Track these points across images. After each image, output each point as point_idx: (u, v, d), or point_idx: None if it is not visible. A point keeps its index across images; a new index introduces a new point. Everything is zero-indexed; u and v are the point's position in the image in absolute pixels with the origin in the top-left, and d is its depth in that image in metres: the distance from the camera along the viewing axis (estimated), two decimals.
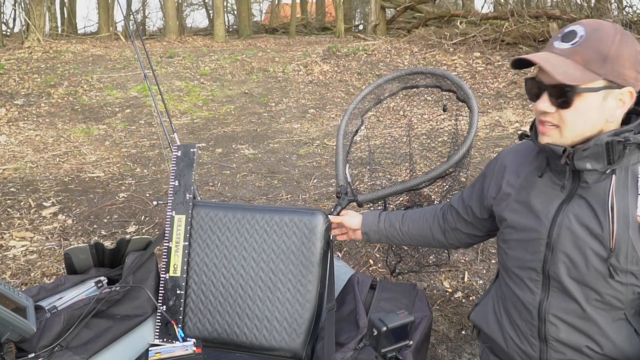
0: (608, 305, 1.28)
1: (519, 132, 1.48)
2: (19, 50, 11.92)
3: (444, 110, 2.35)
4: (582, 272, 1.28)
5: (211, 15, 22.82)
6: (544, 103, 1.25)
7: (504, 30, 9.98)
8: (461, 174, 2.34)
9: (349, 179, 2.15)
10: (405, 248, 2.78)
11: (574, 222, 1.29)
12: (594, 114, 1.23)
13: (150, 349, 1.79)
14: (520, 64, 1.31)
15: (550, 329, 1.35)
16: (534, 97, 1.29)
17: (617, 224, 1.23)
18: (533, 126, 1.41)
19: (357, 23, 26.35)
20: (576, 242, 1.28)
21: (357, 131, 2.36)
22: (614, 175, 1.25)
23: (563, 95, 1.21)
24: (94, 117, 7.57)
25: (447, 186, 2.44)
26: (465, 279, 2.89)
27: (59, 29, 19.40)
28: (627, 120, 1.30)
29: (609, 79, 1.20)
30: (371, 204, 2.36)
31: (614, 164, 1.24)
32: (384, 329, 1.01)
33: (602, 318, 1.29)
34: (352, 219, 1.95)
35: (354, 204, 2.11)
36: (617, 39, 1.19)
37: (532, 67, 1.32)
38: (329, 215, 1.91)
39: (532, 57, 1.23)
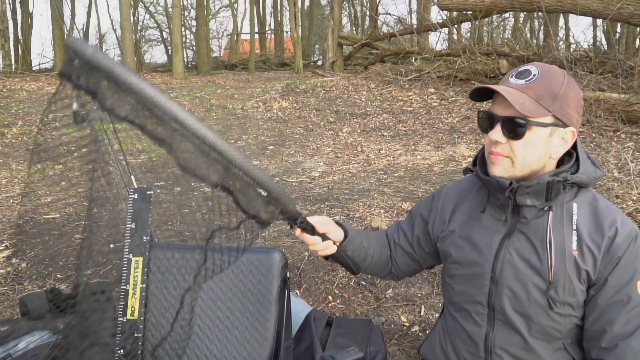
0: (548, 336, 1.36)
1: (463, 167, 1.51)
2: None
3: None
4: (524, 304, 1.35)
5: (170, 51, 22.82)
6: (497, 133, 1.31)
7: (456, 66, 10.32)
8: None
9: None
10: None
11: (516, 257, 1.36)
12: (541, 148, 1.31)
13: None
14: (479, 95, 1.37)
15: None
16: (487, 128, 1.34)
17: (555, 258, 1.31)
18: (476, 161, 1.47)
19: (315, 59, 26.76)
20: (518, 276, 1.35)
21: None
22: (550, 212, 1.33)
23: (516, 127, 1.28)
24: (49, 157, 7.44)
25: None
26: (422, 313, 2.95)
27: (13, 66, 19.04)
28: (561, 159, 1.38)
29: (557, 116, 1.29)
30: None
31: (551, 201, 1.32)
32: None
33: (542, 349, 1.36)
34: (337, 231, 1.61)
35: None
36: (566, 81, 1.30)
37: (485, 102, 1.42)
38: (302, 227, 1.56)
39: (495, 86, 1.31)
